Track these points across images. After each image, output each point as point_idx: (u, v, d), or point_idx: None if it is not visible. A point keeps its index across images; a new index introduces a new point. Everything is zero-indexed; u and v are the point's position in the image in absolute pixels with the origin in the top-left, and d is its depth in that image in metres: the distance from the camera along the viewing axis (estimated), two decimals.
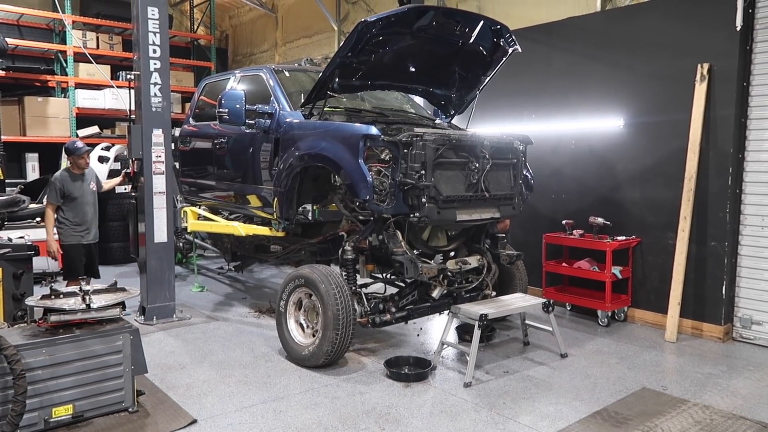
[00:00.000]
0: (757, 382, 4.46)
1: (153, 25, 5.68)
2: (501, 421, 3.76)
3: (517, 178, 5.12)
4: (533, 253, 6.40)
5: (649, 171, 5.83)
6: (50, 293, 3.75)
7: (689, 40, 5.48)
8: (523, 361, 4.85)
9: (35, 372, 3.40)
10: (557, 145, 6.55)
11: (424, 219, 4.43)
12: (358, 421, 3.75)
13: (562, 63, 6.52)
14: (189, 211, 6.88)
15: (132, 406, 3.77)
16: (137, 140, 5.71)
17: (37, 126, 9.61)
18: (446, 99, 5.91)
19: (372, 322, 4.65)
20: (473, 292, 5.18)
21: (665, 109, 5.69)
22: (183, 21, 12.98)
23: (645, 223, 5.89)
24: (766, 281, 5.26)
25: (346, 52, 4.71)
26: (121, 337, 3.74)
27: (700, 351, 5.14)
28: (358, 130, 4.53)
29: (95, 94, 10.17)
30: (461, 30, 5.03)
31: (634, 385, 4.37)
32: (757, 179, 5.30)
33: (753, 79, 5.29)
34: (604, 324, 5.83)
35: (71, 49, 9.98)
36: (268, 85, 5.72)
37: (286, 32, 11.65)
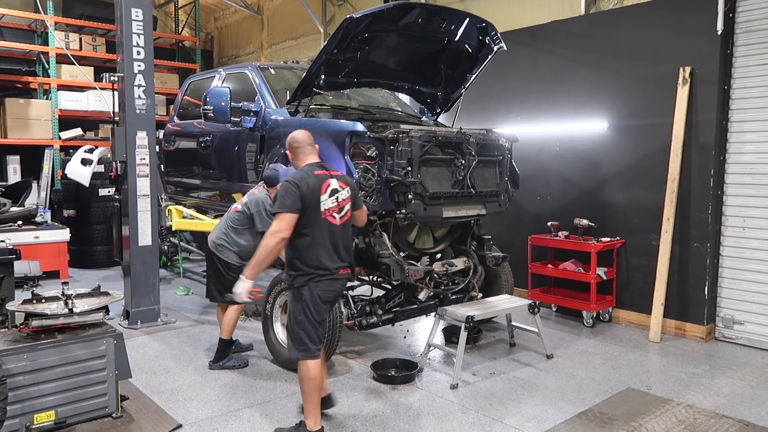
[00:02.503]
0: (739, 381, 4.52)
1: (137, 27, 5.63)
2: (488, 423, 3.77)
3: (503, 175, 5.15)
4: (519, 254, 6.44)
5: (632, 173, 5.89)
6: (32, 298, 3.70)
7: (672, 44, 5.55)
8: (509, 363, 4.87)
9: (16, 378, 3.35)
10: (542, 147, 6.60)
11: (410, 215, 4.43)
12: (345, 423, 3.74)
13: (546, 66, 6.56)
14: (174, 209, 6.82)
15: (116, 412, 3.73)
16: (121, 143, 5.66)
17: (18, 128, 9.47)
18: (432, 97, 5.93)
19: (358, 324, 4.64)
20: (460, 293, 5.20)
21: (648, 112, 5.75)
22: (167, 22, 12.88)
23: (629, 224, 5.95)
24: (748, 281, 5.33)
25: (331, 49, 4.71)
26: (105, 341, 3.69)
27: (683, 351, 5.20)
28: (344, 127, 4.53)
29: (78, 96, 10.05)
30: (447, 27, 5.06)
31: (619, 385, 4.41)
32: (739, 181, 5.37)
33: (734, 83, 5.37)
34: (590, 325, 5.87)
35: (53, 50, 9.87)
36: (254, 82, 5.70)
37: (271, 34, 11.61)
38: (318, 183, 3.47)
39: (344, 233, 3.59)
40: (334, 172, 3.63)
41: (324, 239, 3.46)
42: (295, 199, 3.36)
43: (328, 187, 3.50)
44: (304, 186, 3.40)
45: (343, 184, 3.60)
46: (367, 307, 4.76)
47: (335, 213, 3.53)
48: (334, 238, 3.51)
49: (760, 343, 5.25)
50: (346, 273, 3.61)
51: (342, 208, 3.57)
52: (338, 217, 3.54)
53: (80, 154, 8.56)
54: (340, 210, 3.56)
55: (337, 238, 3.53)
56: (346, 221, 3.61)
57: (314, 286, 3.44)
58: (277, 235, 3.33)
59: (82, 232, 8.58)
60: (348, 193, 3.62)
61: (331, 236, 3.49)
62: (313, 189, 3.43)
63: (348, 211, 3.61)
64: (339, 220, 3.54)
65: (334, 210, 3.53)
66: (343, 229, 3.58)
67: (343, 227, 3.58)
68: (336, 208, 3.54)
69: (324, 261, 3.46)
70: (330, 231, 3.49)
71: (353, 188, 3.69)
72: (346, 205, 3.60)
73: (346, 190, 3.61)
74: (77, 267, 8.50)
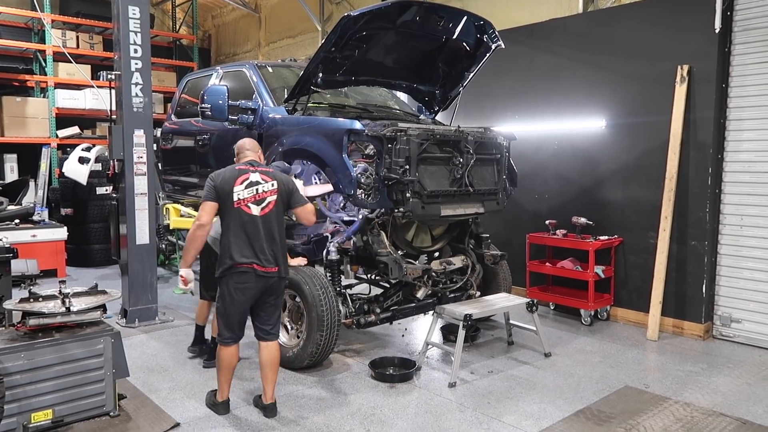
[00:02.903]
0: (737, 379, 4.52)
1: (134, 25, 5.61)
2: (486, 421, 3.77)
3: (501, 173, 5.14)
4: (517, 253, 6.44)
5: (630, 171, 5.90)
6: (29, 296, 3.69)
7: (669, 42, 5.55)
8: (507, 361, 4.87)
9: (13, 376, 3.34)
10: (540, 145, 6.59)
11: (408, 214, 4.43)
12: (342, 422, 3.74)
13: (544, 64, 6.56)
14: (171, 207, 6.81)
15: (113, 410, 3.72)
16: (118, 141, 5.64)
17: (15, 126, 9.45)
18: (430, 95, 5.93)
19: (357, 323, 4.64)
20: (458, 292, 5.20)
21: (646, 110, 5.75)
22: (165, 20, 12.86)
23: (627, 222, 5.95)
24: (745, 280, 5.34)
25: (329, 47, 4.70)
26: (102, 340, 3.68)
27: (681, 349, 5.21)
28: (342, 125, 4.52)
29: (75, 94, 10.02)
30: (445, 25, 5.05)
31: (617, 383, 4.41)
32: (736, 179, 5.38)
33: (731, 81, 5.37)
34: (587, 323, 5.88)
35: (50, 48, 9.83)
36: (251, 80, 5.69)
37: (269, 32, 11.59)
38: (234, 175, 3.65)
39: (267, 227, 3.63)
40: (262, 168, 3.75)
41: (237, 230, 3.59)
42: (210, 189, 3.64)
43: (246, 179, 3.63)
44: (219, 178, 3.65)
45: (267, 178, 3.68)
46: (365, 305, 4.77)
47: (251, 203, 3.61)
48: (250, 230, 3.58)
49: (757, 341, 5.26)
50: (263, 270, 3.61)
51: (262, 200, 3.63)
52: (256, 208, 3.60)
53: (77, 153, 8.53)
54: (258, 201, 3.62)
55: (256, 231, 3.59)
56: (269, 214, 3.64)
57: (228, 278, 3.62)
58: (195, 222, 3.66)
59: (79, 230, 8.56)
60: (272, 186, 3.67)
61: (246, 227, 3.58)
62: (227, 180, 3.63)
63: (270, 204, 3.65)
64: (259, 211, 3.61)
65: (250, 200, 3.61)
66: (264, 222, 3.62)
67: (264, 220, 3.62)
68: (252, 198, 3.61)
69: (233, 253, 3.58)
70: (243, 222, 3.59)
71: (285, 183, 3.74)
72: (268, 197, 3.64)
73: (270, 183, 3.67)
74: (75, 265, 8.49)
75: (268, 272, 3.63)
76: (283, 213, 3.78)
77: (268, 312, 3.78)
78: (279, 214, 3.71)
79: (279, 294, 3.80)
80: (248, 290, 3.64)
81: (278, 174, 3.79)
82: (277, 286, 3.75)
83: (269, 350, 3.79)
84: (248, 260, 3.58)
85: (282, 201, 3.72)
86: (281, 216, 3.74)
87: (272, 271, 3.64)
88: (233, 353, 3.76)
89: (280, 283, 3.76)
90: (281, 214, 3.74)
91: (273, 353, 3.79)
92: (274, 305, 3.80)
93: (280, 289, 3.80)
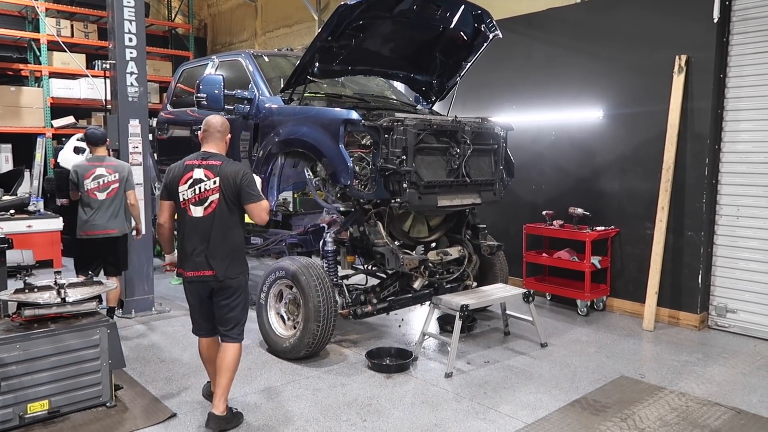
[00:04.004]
0: (732, 369, 4.55)
1: (129, 13, 5.56)
2: (482, 411, 3.79)
3: (498, 164, 5.14)
4: (514, 243, 6.44)
5: (627, 162, 5.89)
6: (24, 287, 3.68)
7: (668, 32, 5.53)
8: (503, 351, 4.88)
9: (9, 367, 3.34)
10: (537, 135, 6.58)
11: (405, 204, 4.42)
12: (339, 412, 3.75)
13: (542, 54, 6.53)
14: None
15: (110, 401, 3.72)
16: (114, 131, 5.61)
17: (9, 116, 9.37)
18: (427, 85, 5.90)
19: (353, 313, 4.65)
20: (454, 282, 5.20)
21: (644, 100, 5.74)
22: (160, 9, 12.74)
23: (624, 213, 5.95)
24: (741, 270, 5.35)
25: (326, 36, 4.66)
26: (98, 331, 3.68)
27: (676, 339, 5.23)
28: (338, 115, 4.50)
29: (70, 84, 9.95)
30: (442, 15, 5.02)
31: (613, 373, 4.43)
32: (733, 170, 5.38)
33: (729, 71, 5.36)
34: (584, 313, 5.89)
35: (45, 37, 9.74)
36: (247, 70, 5.65)
37: (265, 22, 11.50)
38: (182, 172, 3.43)
39: (211, 228, 3.38)
40: (210, 161, 3.43)
41: (187, 231, 3.42)
42: (163, 186, 3.53)
43: (190, 177, 3.40)
44: (170, 174, 3.48)
45: (210, 174, 3.38)
46: (361, 296, 4.77)
47: (193, 204, 3.39)
48: (195, 232, 3.39)
49: (752, 331, 5.28)
50: (196, 275, 3.41)
51: (203, 200, 3.37)
52: (198, 209, 3.37)
53: (73, 143, 8.49)
54: (199, 201, 3.38)
55: (200, 233, 3.38)
56: (212, 214, 3.38)
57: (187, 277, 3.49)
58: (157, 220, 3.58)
59: (75, 221, 8.50)
60: (214, 184, 3.37)
61: (192, 229, 3.40)
62: (175, 178, 3.44)
63: (213, 203, 3.37)
64: (201, 212, 3.37)
65: (192, 201, 3.39)
66: (209, 223, 3.37)
67: (208, 221, 3.37)
68: (194, 198, 3.38)
69: (183, 257, 3.46)
70: (187, 223, 3.41)
71: (230, 179, 3.38)
72: (210, 197, 3.37)
73: (212, 180, 3.37)
74: (70, 256, 8.43)
75: (202, 276, 3.41)
76: (235, 211, 3.44)
77: (222, 313, 3.51)
78: (224, 214, 3.40)
79: (228, 296, 3.47)
80: (193, 291, 3.52)
81: (225, 168, 3.41)
82: (221, 288, 3.45)
83: (223, 352, 3.51)
84: (188, 264, 3.43)
85: (228, 199, 3.39)
86: (227, 215, 3.40)
87: (206, 274, 3.40)
88: (204, 345, 3.65)
89: (222, 286, 3.44)
90: (227, 214, 3.40)
91: (227, 357, 3.49)
92: (228, 307, 3.49)
93: (229, 291, 3.47)
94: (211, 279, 3.42)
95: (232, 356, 3.51)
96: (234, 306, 3.52)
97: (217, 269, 3.40)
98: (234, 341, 3.54)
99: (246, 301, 3.60)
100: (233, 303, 3.51)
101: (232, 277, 3.46)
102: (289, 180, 5.25)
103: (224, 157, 3.51)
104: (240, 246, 3.53)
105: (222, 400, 3.48)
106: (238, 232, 3.50)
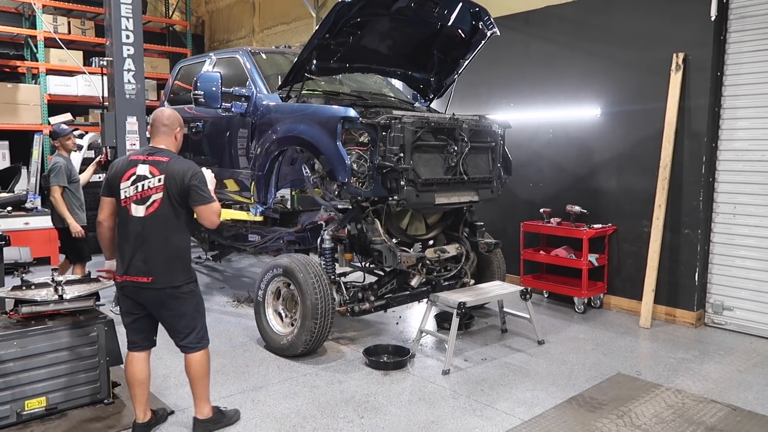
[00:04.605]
0: (728, 366, 4.56)
1: (126, 10, 5.54)
2: (479, 408, 3.80)
3: (496, 162, 5.14)
4: (511, 241, 6.45)
5: (625, 159, 5.90)
6: (21, 284, 3.67)
7: (665, 30, 5.53)
8: (501, 348, 4.89)
9: (7, 364, 3.34)
10: (535, 133, 6.58)
11: (402, 202, 4.42)
12: (337, 409, 3.76)
13: (539, 52, 6.53)
14: None
15: (107, 398, 3.73)
16: (111, 128, 5.60)
17: (6, 113, 9.34)
18: (425, 83, 5.90)
19: (351, 310, 4.65)
20: (452, 280, 5.21)
21: (641, 98, 5.75)
22: (158, 6, 12.70)
23: (621, 211, 5.96)
24: (738, 268, 5.37)
25: (323, 33, 4.65)
26: (96, 328, 3.68)
27: (673, 336, 5.24)
28: (336, 113, 4.49)
29: (67, 81, 9.91)
30: (440, 12, 5.01)
31: (609, 370, 4.44)
32: (730, 168, 5.39)
33: (726, 69, 5.37)
34: (581, 311, 5.91)
35: (41, 34, 9.71)
36: (245, 67, 5.64)
37: (263, 19, 11.48)
38: (124, 168, 3.21)
39: (152, 230, 3.15)
40: (156, 157, 3.20)
41: (124, 231, 3.20)
42: (104, 182, 3.30)
43: (133, 173, 3.17)
44: (112, 170, 3.26)
45: (155, 171, 3.15)
46: (359, 293, 4.77)
47: (134, 202, 3.16)
48: (134, 233, 3.16)
49: (748, 329, 5.30)
50: (133, 280, 3.16)
51: (145, 198, 3.14)
52: (140, 209, 3.15)
53: None
54: (141, 200, 3.15)
55: (140, 235, 3.15)
56: (154, 214, 3.15)
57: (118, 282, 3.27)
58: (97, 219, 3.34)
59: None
60: (158, 182, 3.14)
61: (131, 230, 3.16)
62: (117, 174, 3.22)
63: (155, 203, 3.14)
64: (143, 211, 3.14)
65: (134, 198, 3.16)
66: (150, 224, 3.15)
67: (149, 222, 3.15)
68: (136, 196, 3.16)
69: (117, 258, 3.25)
70: (126, 223, 3.18)
71: (176, 177, 3.15)
72: (153, 195, 3.14)
73: (157, 178, 3.14)
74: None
75: (139, 282, 3.16)
76: (181, 213, 3.21)
77: (169, 324, 3.30)
78: (167, 215, 3.16)
79: (170, 307, 3.23)
80: (127, 299, 3.27)
81: (172, 165, 3.18)
82: (161, 300, 3.20)
83: (187, 364, 3.35)
84: (124, 269, 3.20)
85: (173, 199, 3.15)
86: (171, 217, 3.17)
87: (143, 281, 3.15)
88: (132, 360, 3.33)
89: (161, 295, 3.19)
90: (171, 215, 3.17)
91: (193, 366, 3.33)
92: (174, 317, 3.26)
93: (171, 303, 3.22)
94: (147, 286, 3.16)
95: (198, 366, 3.33)
96: (181, 314, 3.26)
97: (156, 276, 3.15)
98: (195, 350, 3.32)
99: (197, 307, 3.33)
100: (179, 312, 3.25)
101: (175, 285, 3.20)
102: (287, 177, 5.25)
103: (173, 153, 3.29)
104: (184, 252, 3.27)
105: (203, 404, 3.40)
106: (183, 237, 3.25)
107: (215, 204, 3.25)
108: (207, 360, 3.39)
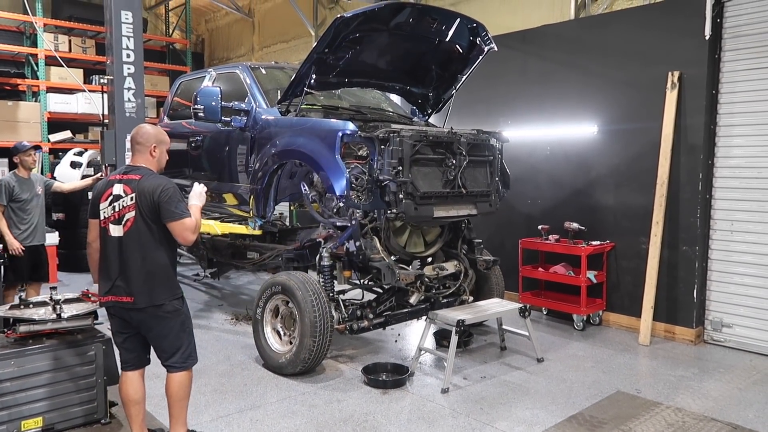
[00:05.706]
0: (728, 384, 4.55)
1: (127, 29, 5.61)
2: (478, 427, 3.77)
3: (494, 175, 5.16)
4: (510, 258, 6.45)
5: (622, 177, 5.93)
6: (19, 303, 3.67)
7: (660, 49, 5.59)
8: (500, 366, 4.87)
9: (3, 384, 3.32)
10: (533, 150, 6.62)
11: (401, 215, 4.44)
12: (335, 429, 3.73)
13: (536, 70, 6.59)
14: None
15: (104, 418, 3.70)
16: (110, 146, 5.64)
17: (6, 131, 9.39)
18: (423, 97, 5.94)
19: (349, 328, 4.63)
20: (450, 297, 5.20)
21: (638, 116, 5.79)
22: (158, 25, 12.83)
23: (619, 228, 5.98)
24: (736, 285, 5.37)
25: (322, 48, 4.71)
26: (93, 347, 3.67)
27: (672, 354, 5.23)
28: (335, 127, 4.53)
29: (67, 98, 9.98)
30: (438, 28, 5.07)
31: (609, 388, 4.42)
32: (727, 185, 5.42)
33: (721, 87, 5.42)
34: (580, 328, 5.89)
35: (42, 52, 9.80)
36: (245, 82, 5.69)
37: (263, 37, 11.59)
38: (103, 189, 3.23)
39: (129, 248, 3.12)
40: (130, 175, 3.19)
41: (106, 252, 3.19)
42: (90, 203, 3.33)
43: (110, 194, 3.18)
44: (95, 192, 3.29)
45: (128, 189, 3.14)
46: (358, 311, 4.76)
47: (111, 223, 3.16)
48: (114, 253, 3.15)
49: (748, 346, 5.29)
50: (116, 300, 3.15)
51: (120, 218, 3.13)
52: (117, 228, 3.13)
53: (69, 157, 8.50)
54: (118, 219, 3.14)
55: (118, 254, 3.13)
56: (129, 233, 3.13)
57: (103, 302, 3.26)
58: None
59: (71, 235, 8.50)
60: (131, 201, 3.12)
61: (110, 250, 3.16)
62: (98, 194, 3.24)
63: (129, 221, 3.12)
64: (120, 231, 3.13)
65: (111, 219, 3.16)
66: (126, 243, 3.12)
67: (125, 241, 3.12)
68: (113, 216, 3.15)
69: (100, 279, 3.25)
70: (109, 243, 3.17)
71: (147, 195, 3.11)
72: (127, 214, 3.12)
73: (129, 197, 3.12)
74: (66, 271, 8.44)
75: (123, 302, 3.15)
76: (155, 229, 3.15)
77: (154, 343, 3.28)
78: (141, 233, 3.12)
79: (152, 327, 3.21)
80: (115, 318, 3.25)
81: (143, 183, 3.14)
82: (143, 318, 3.17)
83: (168, 383, 3.30)
84: (107, 289, 3.19)
85: (145, 216, 3.11)
86: (146, 235, 3.13)
87: (123, 300, 3.14)
88: (126, 380, 3.31)
89: (143, 315, 3.16)
90: (146, 233, 3.13)
91: (173, 387, 3.28)
92: (158, 336, 3.23)
93: (152, 321, 3.18)
94: (130, 306, 3.14)
95: (178, 387, 3.28)
96: (165, 334, 3.22)
97: (137, 296, 3.12)
98: (178, 370, 3.27)
99: (182, 326, 3.28)
100: (162, 332, 3.22)
101: (156, 304, 3.15)
102: (286, 191, 5.27)
103: (147, 170, 3.24)
104: (164, 268, 3.20)
105: (179, 427, 3.34)
106: (160, 254, 3.18)
107: (188, 220, 3.16)
108: (189, 381, 3.34)
